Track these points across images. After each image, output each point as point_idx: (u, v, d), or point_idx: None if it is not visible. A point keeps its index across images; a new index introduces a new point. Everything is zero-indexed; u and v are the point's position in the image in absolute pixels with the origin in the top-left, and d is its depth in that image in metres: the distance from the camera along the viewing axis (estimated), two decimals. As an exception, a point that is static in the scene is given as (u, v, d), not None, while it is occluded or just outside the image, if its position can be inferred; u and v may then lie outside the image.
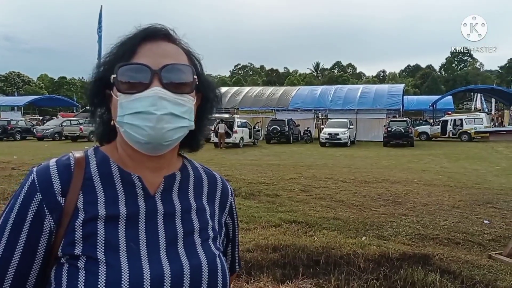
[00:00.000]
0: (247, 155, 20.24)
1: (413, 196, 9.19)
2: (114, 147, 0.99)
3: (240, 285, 3.73)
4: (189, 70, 0.94)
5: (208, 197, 1.07)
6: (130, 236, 0.90)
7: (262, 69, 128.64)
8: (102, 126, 1.01)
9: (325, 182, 11.02)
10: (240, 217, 6.76)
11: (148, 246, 0.90)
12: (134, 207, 0.93)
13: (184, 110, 0.91)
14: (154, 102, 0.87)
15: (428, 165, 16.10)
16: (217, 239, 1.03)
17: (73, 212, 0.89)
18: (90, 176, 0.93)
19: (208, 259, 0.95)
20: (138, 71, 0.89)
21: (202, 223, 1.00)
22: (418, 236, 6.12)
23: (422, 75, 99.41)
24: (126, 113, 0.88)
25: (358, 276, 4.20)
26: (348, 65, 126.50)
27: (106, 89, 0.95)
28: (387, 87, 40.00)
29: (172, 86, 0.90)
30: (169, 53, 0.94)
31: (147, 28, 0.95)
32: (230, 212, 1.14)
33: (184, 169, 1.06)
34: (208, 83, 1.03)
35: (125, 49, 0.93)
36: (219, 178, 1.14)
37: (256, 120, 33.89)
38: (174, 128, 0.89)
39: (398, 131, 27.30)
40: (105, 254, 0.86)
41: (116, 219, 0.90)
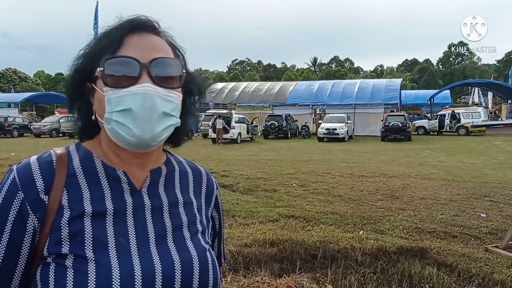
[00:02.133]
0: (245, 151, 20.24)
1: (410, 190, 9.22)
2: (97, 142, 0.96)
3: (238, 280, 3.74)
4: (178, 64, 0.92)
5: (194, 190, 1.05)
6: (118, 231, 0.87)
7: (259, 64, 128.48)
8: (82, 121, 0.97)
9: (323, 177, 11.04)
10: (238, 212, 6.81)
11: (138, 241, 0.88)
12: (121, 203, 0.90)
13: (173, 107, 0.88)
14: (144, 99, 0.83)
15: (426, 159, 16.13)
16: (206, 233, 1.01)
17: (58, 210, 0.85)
18: (74, 172, 0.90)
19: (198, 253, 0.93)
20: (126, 64, 0.86)
21: (190, 217, 0.98)
22: (415, 230, 6.15)
23: (419, 70, 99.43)
24: (115, 110, 0.84)
25: (355, 270, 4.22)
26: (345, 60, 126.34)
27: (86, 82, 0.91)
28: (384, 82, 40.04)
29: (161, 80, 0.87)
30: (158, 46, 0.91)
31: (134, 20, 0.92)
32: (216, 205, 1.12)
33: (169, 163, 1.04)
34: (193, 77, 1.00)
35: (110, 40, 0.89)
36: (204, 171, 1.12)
37: (254, 115, 33.90)
38: (165, 128, 0.87)
39: (395, 126, 27.33)
40: (94, 252, 0.83)
41: (103, 215, 0.87)
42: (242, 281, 3.66)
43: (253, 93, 40.26)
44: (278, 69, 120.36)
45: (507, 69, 61.81)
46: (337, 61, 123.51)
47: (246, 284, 3.57)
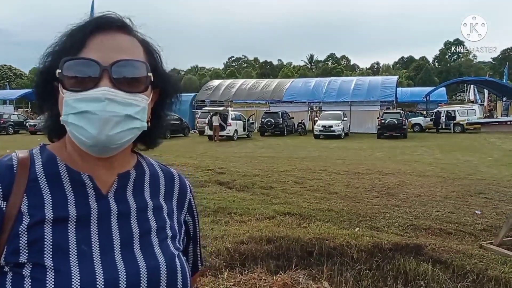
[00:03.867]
0: (241, 148, 20.25)
1: (406, 188, 9.26)
2: (62, 144, 0.92)
3: (234, 276, 3.76)
4: (143, 66, 0.86)
5: (165, 195, 1.01)
6: (81, 238, 0.83)
7: (256, 61, 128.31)
8: (51, 121, 0.93)
9: (319, 174, 11.07)
10: (234, 209, 6.81)
11: (101, 249, 0.84)
12: (85, 208, 0.86)
13: (137, 110, 0.84)
14: (100, 104, 0.79)
15: (421, 156, 16.19)
16: (176, 238, 0.98)
17: (16, 216, 0.81)
18: (35, 177, 0.86)
19: (166, 259, 0.90)
20: (86, 66, 0.82)
21: (159, 222, 0.94)
22: (411, 226, 6.18)
23: (415, 67, 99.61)
24: (70, 112, 0.81)
25: (351, 267, 4.25)
26: (342, 57, 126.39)
27: (54, 81, 0.86)
28: (380, 79, 40.13)
29: (124, 84, 0.83)
30: (123, 47, 0.86)
31: (99, 18, 0.87)
32: (190, 210, 1.08)
33: (139, 166, 0.99)
34: (167, 77, 0.96)
35: (73, 41, 0.85)
36: (177, 175, 1.08)
37: (250, 112, 33.90)
38: (124, 130, 0.82)
39: (391, 123, 27.40)
40: (54, 260, 0.79)
41: (65, 221, 0.83)
42: (238, 278, 3.68)
43: (250, 90, 40.23)
44: (274, 66, 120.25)
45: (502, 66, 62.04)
46: (334, 59, 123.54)
47: (243, 281, 3.59)
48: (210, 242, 4.92)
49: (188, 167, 12.05)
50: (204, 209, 6.94)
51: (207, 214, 6.65)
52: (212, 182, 9.64)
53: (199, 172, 11.06)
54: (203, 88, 43.10)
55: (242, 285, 3.51)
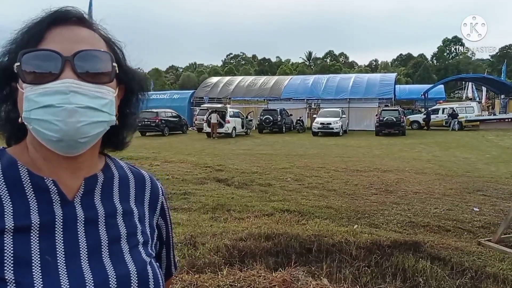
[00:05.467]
0: (239, 145, 20.25)
1: (404, 185, 9.28)
2: (23, 147, 0.86)
3: (234, 273, 3.76)
4: (107, 56, 0.82)
5: (136, 198, 0.96)
6: (45, 248, 0.77)
7: (254, 58, 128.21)
8: (9, 125, 0.86)
9: (318, 171, 11.08)
10: (233, 207, 6.82)
11: (67, 258, 0.79)
12: (48, 215, 0.80)
13: (104, 103, 0.80)
14: (65, 96, 0.75)
15: (420, 153, 16.22)
16: (148, 244, 0.93)
17: None
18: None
19: (137, 267, 0.86)
20: (46, 58, 0.77)
21: (129, 228, 0.90)
22: (409, 223, 6.19)
23: (414, 64, 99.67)
24: (33, 108, 0.76)
25: (350, 264, 4.25)
26: (340, 54, 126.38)
27: (11, 82, 0.82)
28: (379, 76, 40.14)
29: (88, 75, 0.79)
30: (83, 38, 0.81)
31: (56, 11, 0.83)
32: (162, 213, 1.03)
33: (107, 169, 0.94)
34: (132, 73, 0.91)
35: (30, 35, 0.80)
36: (148, 177, 1.03)
37: (249, 110, 33.92)
38: (91, 122, 0.78)
39: (390, 120, 27.43)
40: (15, 272, 0.73)
41: (27, 231, 0.77)
42: (238, 275, 3.68)
43: (248, 87, 40.21)
44: (273, 63, 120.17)
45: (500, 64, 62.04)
46: (332, 56, 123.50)
47: (242, 278, 3.58)
48: (209, 239, 4.92)
49: (186, 164, 12.05)
50: (203, 206, 6.94)
51: (205, 211, 6.66)
52: (211, 179, 9.64)
53: (197, 169, 11.06)
54: (201, 85, 43.06)
55: (242, 282, 3.50)
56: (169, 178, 9.45)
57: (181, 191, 8.01)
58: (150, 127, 26.14)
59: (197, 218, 6.17)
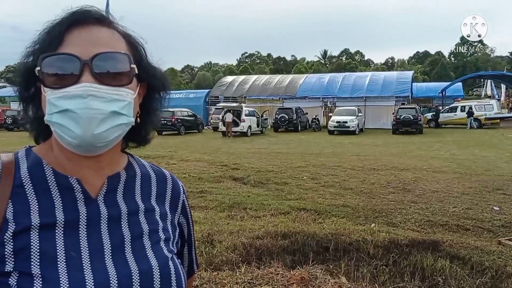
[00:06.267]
0: (255, 144, 20.26)
1: (422, 183, 9.18)
2: (49, 147, 0.88)
3: (251, 271, 3.77)
4: (125, 58, 0.83)
5: (157, 197, 0.97)
6: (69, 244, 0.80)
7: (269, 57, 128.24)
8: (36, 123, 0.88)
9: (334, 170, 11.03)
10: (249, 205, 6.83)
11: (91, 254, 0.81)
12: (73, 213, 0.82)
13: (122, 105, 0.81)
14: (83, 100, 0.76)
15: (437, 152, 16.02)
16: (170, 241, 0.94)
17: (1, 224, 0.78)
18: (21, 182, 0.82)
19: (159, 263, 0.87)
20: (65, 62, 0.78)
21: (151, 225, 0.91)
22: (428, 222, 6.13)
23: (431, 62, 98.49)
24: (53, 111, 0.78)
25: (367, 262, 4.23)
26: (356, 53, 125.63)
27: (37, 82, 0.83)
28: (395, 74, 39.74)
29: (106, 78, 0.80)
30: (102, 40, 0.82)
31: (75, 12, 0.84)
32: (183, 211, 1.04)
33: (129, 167, 0.96)
34: (153, 70, 0.92)
35: (51, 37, 0.81)
36: (169, 175, 1.04)
37: (264, 108, 33.91)
38: (110, 127, 0.79)
39: (407, 119, 27.15)
40: (41, 268, 0.76)
41: (52, 228, 0.80)
42: (255, 272, 3.69)
43: (263, 86, 40.21)
44: (288, 62, 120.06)
45: (520, 61, 60.87)
46: (348, 54, 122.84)
47: (260, 275, 3.59)
48: (226, 237, 4.94)
49: (202, 162, 12.10)
50: (219, 204, 6.97)
51: (222, 209, 6.68)
52: (227, 178, 9.67)
53: (213, 168, 11.10)
54: (217, 85, 43.23)
55: (260, 279, 3.51)
56: (185, 176, 9.51)
57: (197, 190, 8.05)
58: (167, 126, 26.33)
59: (213, 216, 6.20)
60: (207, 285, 3.45)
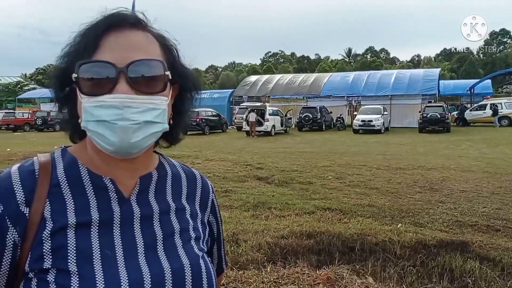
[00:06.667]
0: (279, 143, 20.25)
1: (450, 183, 8.99)
2: (83, 147, 0.90)
3: (277, 270, 3.77)
4: (160, 65, 0.83)
5: (187, 196, 0.99)
6: (104, 243, 0.82)
7: (293, 56, 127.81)
8: (71, 123, 0.90)
9: (359, 169, 10.92)
10: (274, 204, 6.83)
11: (125, 253, 0.83)
12: (107, 212, 0.85)
13: (157, 114, 0.82)
14: (119, 111, 0.78)
15: (466, 151, 15.67)
16: (200, 239, 0.96)
17: (40, 222, 0.80)
18: (57, 182, 0.85)
19: (191, 261, 0.89)
20: (101, 69, 0.79)
21: (182, 224, 0.93)
22: (456, 223, 6.00)
23: (459, 59, 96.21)
24: (89, 119, 0.80)
25: (394, 263, 4.18)
26: (381, 50, 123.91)
27: (72, 83, 0.84)
28: (422, 72, 39.06)
29: (141, 85, 0.81)
30: (138, 45, 0.83)
31: (111, 16, 0.84)
32: (213, 210, 1.06)
33: (161, 167, 0.98)
34: (185, 72, 0.93)
35: (86, 42, 0.82)
36: (199, 175, 1.06)
37: (288, 108, 33.85)
38: (145, 136, 0.81)
39: (434, 117, 26.66)
40: (77, 265, 0.78)
41: (88, 227, 0.82)
42: (281, 272, 3.69)
43: (287, 85, 40.12)
44: (311, 60, 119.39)
45: (553, 56, 59.00)
46: (372, 52, 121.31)
47: (286, 275, 3.60)
48: (251, 236, 4.96)
49: (227, 162, 12.16)
50: (244, 203, 7.00)
51: (246, 208, 6.71)
52: (251, 177, 9.69)
53: (238, 167, 11.14)
54: (241, 84, 43.36)
55: (286, 279, 3.51)
56: (210, 176, 9.57)
57: (222, 189, 8.10)
58: (192, 126, 26.56)
59: (238, 215, 6.22)
60: (233, 284, 3.47)
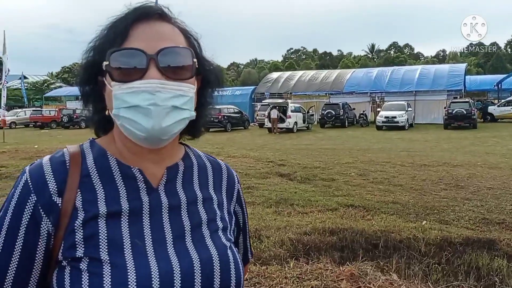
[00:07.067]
0: (301, 140, 20.19)
1: (476, 180, 8.81)
2: (111, 139, 0.92)
3: (300, 266, 3.77)
4: (188, 53, 0.86)
5: (214, 186, 1.00)
6: (134, 232, 0.84)
7: (315, 52, 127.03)
8: (97, 116, 0.93)
9: (383, 166, 10.80)
10: (296, 201, 6.83)
11: (154, 242, 0.84)
12: (136, 202, 0.86)
13: (185, 100, 0.84)
14: (151, 96, 0.80)
15: (493, 147, 15.32)
16: (227, 229, 0.97)
17: (72, 212, 0.82)
18: (88, 172, 0.87)
19: (219, 251, 0.89)
20: (132, 56, 0.82)
21: (210, 214, 0.94)
22: (483, 220, 5.89)
23: (485, 54, 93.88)
24: (121, 106, 0.81)
25: (419, 260, 4.13)
26: (405, 46, 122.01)
27: (98, 76, 0.87)
28: (447, 67, 38.29)
29: (171, 71, 0.83)
30: (165, 35, 0.85)
31: (139, 8, 0.86)
32: (238, 200, 1.07)
33: (186, 158, 0.99)
34: (208, 64, 0.94)
35: (116, 32, 0.84)
36: (224, 165, 1.07)
37: (310, 104, 33.64)
38: (175, 122, 0.83)
39: (459, 113, 26.14)
40: (109, 254, 0.80)
41: (118, 216, 0.84)
42: (304, 267, 3.69)
43: (309, 82, 39.89)
44: (334, 57, 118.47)
45: None
46: (396, 47, 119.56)
47: (309, 270, 3.59)
48: (273, 232, 4.97)
49: (249, 159, 12.19)
50: (266, 200, 7.01)
51: (269, 205, 6.72)
52: (273, 174, 9.70)
53: (260, 164, 11.16)
54: (262, 81, 43.32)
55: (309, 275, 3.51)
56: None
57: (244, 185, 8.12)
58: (214, 123, 26.72)
59: (261, 211, 6.24)
60: (257, 279, 3.49)
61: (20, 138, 22.34)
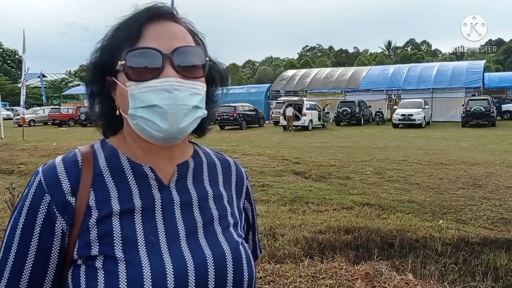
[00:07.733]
0: (316, 138, 20.10)
1: (495, 179, 8.67)
2: (121, 138, 0.93)
3: (315, 265, 3.77)
4: (201, 52, 0.88)
5: (224, 182, 1.01)
6: (148, 229, 0.85)
7: (331, 50, 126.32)
8: (105, 117, 0.94)
9: (399, 165, 10.70)
10: (311, 199, 6.82)
11: (168, 239, 0.86)
12: (149, 199, 0.88)
13: (200, 99, 0.85)
14: (169, 95, 0.81)
15: (512, 146, 15.05)
16: (238, 226, 0.98)
17: (86, 211, 0.84)
18: (100, 171, 0.88)
19: (231, 247, 0.90)
20: (148, 56, 0.82)
21: (221, 210, 0.95)
22: (501, 220, 5.80)
23: (505, 50, 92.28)
24: (139, 106, 0.82)
25: (435, 260, 4.09)
26: (422, 42, 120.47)
27: (106, 76, 0.88)
28: (466, 64, 37.66)
29: (185, 70, 0.84)
30: (177, 35, 0.87)
31: (151, 8, 0.87)
32: (247, 196, 1.08)
33: (196, 155, 1.00)
34: (213, 64, 0.95)
35: (129, 32, 0.85)
36: (233, 162, 1.08)
37: (326, 102, 33.48)
38: (192, 121, 0.85)
39: (478, 111, 25.70)
40: (124, 252, 0.81)
41: (131, 213, 0.85)
42: (319, 266, 3.68)
43: (325, 79, 39.66)
44: (350, 54, 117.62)
45: None
46: (413, 44, 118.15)
47: (324, 269, 3.58)
48: (288, 231, 4.96)
49: (264, 156, 12.20)
50: (281, 198, 7.01)
51: (284, 203, 6.72)
52: (288, 172, 9.69)
53: (275, 162, 11.16)
54: (278, 79, 43.22)
55: (323, 273, 3.50)
56: (247, 170, 9.57)
57: (259, 183, 8.14)
58: (229, 121, 26.81)
59: (275, 210, 6.24)
60: (271, 277, 3.49)
61: (39, 136, 22.69)
